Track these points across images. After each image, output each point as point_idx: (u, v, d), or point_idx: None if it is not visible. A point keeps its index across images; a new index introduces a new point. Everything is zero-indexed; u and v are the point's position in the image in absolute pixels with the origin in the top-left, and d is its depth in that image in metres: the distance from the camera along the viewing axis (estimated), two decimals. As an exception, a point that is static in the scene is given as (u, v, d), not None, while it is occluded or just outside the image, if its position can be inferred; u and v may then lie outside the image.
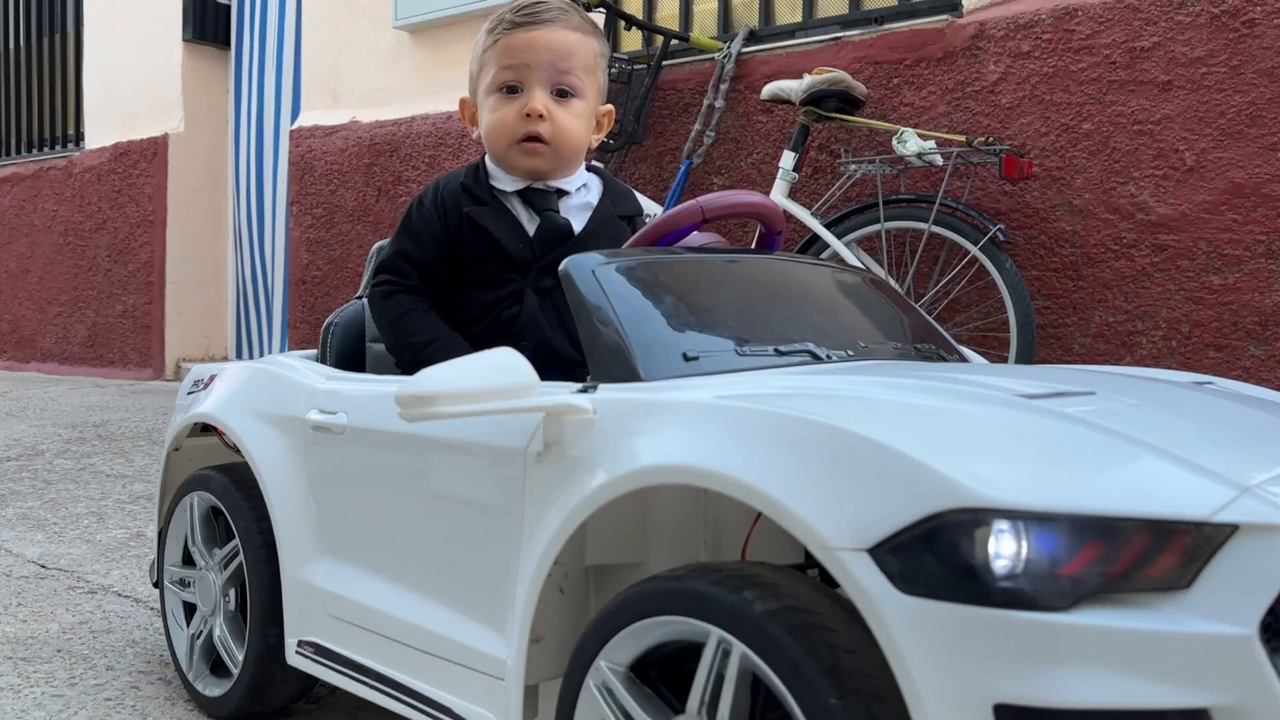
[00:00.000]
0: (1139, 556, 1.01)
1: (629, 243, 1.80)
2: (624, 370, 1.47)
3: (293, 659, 1.84)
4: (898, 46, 4.25)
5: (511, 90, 1.98)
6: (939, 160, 3.78)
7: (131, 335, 7.16)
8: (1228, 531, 1.02)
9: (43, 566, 2.95)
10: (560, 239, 1.96)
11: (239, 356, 7.06)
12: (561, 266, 1.61)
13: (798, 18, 4.75)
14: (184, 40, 6.98)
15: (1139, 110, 3.74)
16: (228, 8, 7.11)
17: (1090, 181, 3.84)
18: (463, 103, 2.12)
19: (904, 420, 1.15)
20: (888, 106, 4.26)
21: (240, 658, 1.94)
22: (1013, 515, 1.01)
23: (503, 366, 1.37)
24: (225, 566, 2.01)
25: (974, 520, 1.01)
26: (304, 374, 1.96)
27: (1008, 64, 3.99)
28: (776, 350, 1.56)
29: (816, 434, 1.14)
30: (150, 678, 2.20)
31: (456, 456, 1.56)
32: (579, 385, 1.46)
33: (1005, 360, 3.78)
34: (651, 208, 4.45)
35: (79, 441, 4.73)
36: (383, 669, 1.66)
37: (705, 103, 4.62)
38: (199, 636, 2.06)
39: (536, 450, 1.42)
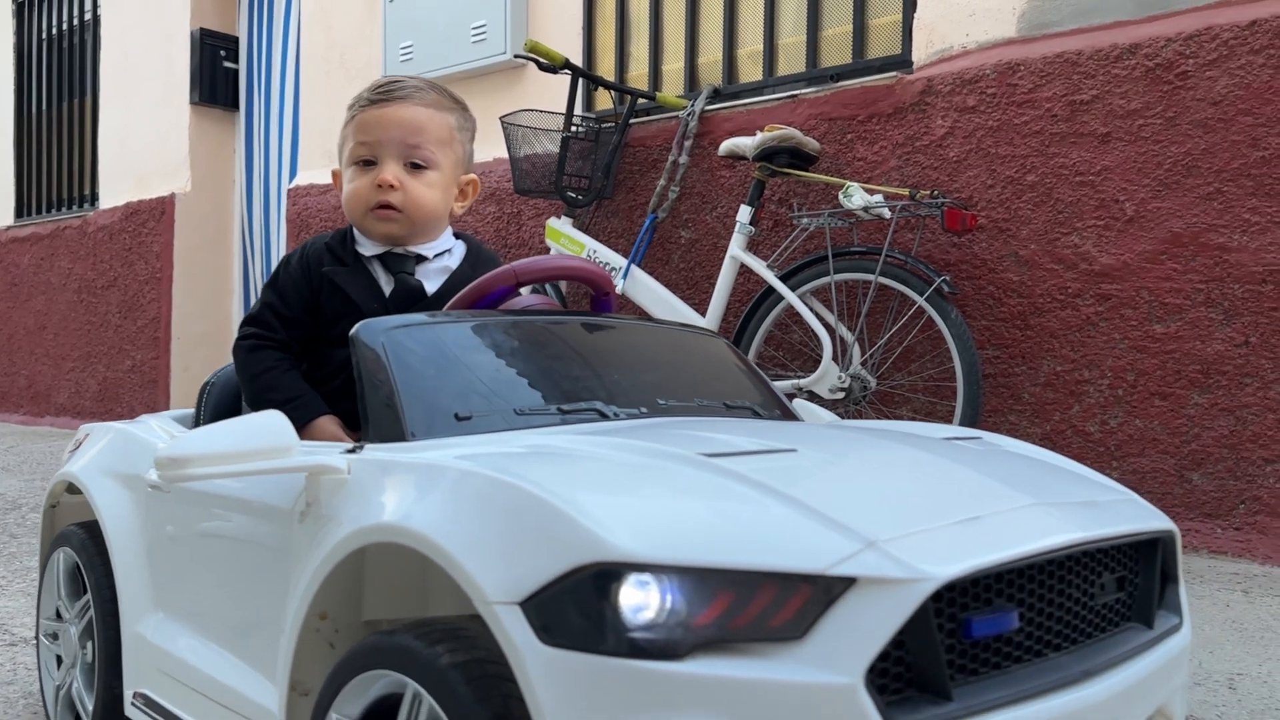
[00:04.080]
0: (764, 608, 1.04)
1: (448, 305, 1.86)
2: (392, 430, 1.52)
3: (129, 710, 1.90)
4: (850, 103, 4.30)
5: (368, 164, 2.08)
6: (886, 213, 3.81)
7: (139, 390, 7.32)
8: (845, 584, 1.05)
9: (-24, 619, 3.03)
10: (413, 299, 2.04)
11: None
12: (353, 330, 1.67)
13: (759, 76, 4.82)
14: (192, 103, 7.18)
15: (1080, 162, 3.76)
16: (236, 71, 7.30)
17: (1035, 232, 3.85)
18: (335, 174, 2.22)
19: (576, 476, 1.19)
20: (842, 161, 4.30)
21: (90, 708, 2.01)
22: (647, 568, 1.05)
23: (262, 429, 1.43)
24: (81, 619, 2.08)
25: (610, 573, 1.05)
26: (154, 434, 2.03)
27: (954, 118, 4.03)
28: (559, 410, 1.60)
29: (499, 492, 1.18)
30: (31, 728, 2.26)
31: (246, 515, 1.62)
32: (347, 446, 1.51)
33: (953, 409, 3.79)
34: (617, 261, 4.52)
35: (61, 495, 4.84)
36: (191, 721, 1.72)
37: (670, 159, 4.69)
38: (63, 687, 2.13)
39: (300, 509, 1.47)
